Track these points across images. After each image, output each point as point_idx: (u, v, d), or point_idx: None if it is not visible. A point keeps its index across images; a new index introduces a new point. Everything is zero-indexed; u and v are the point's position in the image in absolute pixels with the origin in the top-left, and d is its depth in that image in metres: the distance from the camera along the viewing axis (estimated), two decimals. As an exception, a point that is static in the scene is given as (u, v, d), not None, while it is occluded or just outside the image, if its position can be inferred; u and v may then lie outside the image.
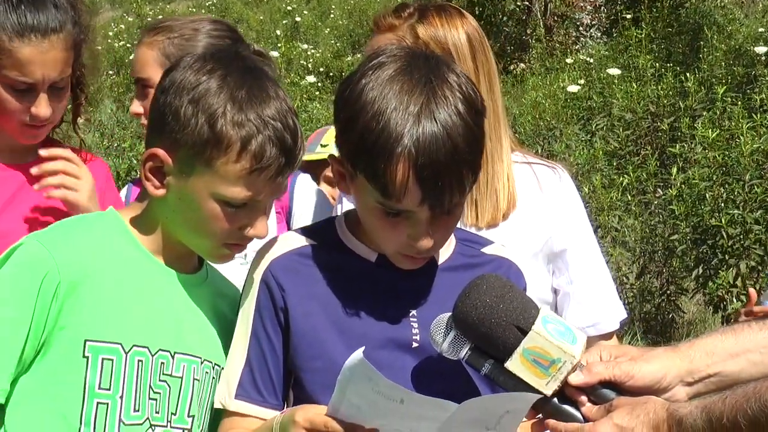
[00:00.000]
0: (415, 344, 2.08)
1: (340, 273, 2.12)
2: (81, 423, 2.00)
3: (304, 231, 2.21)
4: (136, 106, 2.88)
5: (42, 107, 2.57)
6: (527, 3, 15.43)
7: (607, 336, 2.67)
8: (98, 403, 2.01)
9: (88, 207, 2.61)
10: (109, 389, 2.02)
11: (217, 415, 2.18)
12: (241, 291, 2.20)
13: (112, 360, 2.03)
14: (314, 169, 4.02)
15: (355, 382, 1.80)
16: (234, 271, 2.42)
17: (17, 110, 2.58)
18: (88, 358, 2.01)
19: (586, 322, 2.63)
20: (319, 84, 14.09)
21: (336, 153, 2.11)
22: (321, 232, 2.20)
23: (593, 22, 15.22)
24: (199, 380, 2.14)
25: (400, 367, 2.06)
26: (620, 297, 7.37)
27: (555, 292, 2.66)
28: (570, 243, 2.63)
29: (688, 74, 9.02)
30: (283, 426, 1.96)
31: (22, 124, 2.60)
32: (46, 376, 2.02)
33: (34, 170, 2.61)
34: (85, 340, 2.01)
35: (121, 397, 2.03)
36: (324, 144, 4.46)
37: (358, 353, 1.78)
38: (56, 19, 2.55)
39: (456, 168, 1.94)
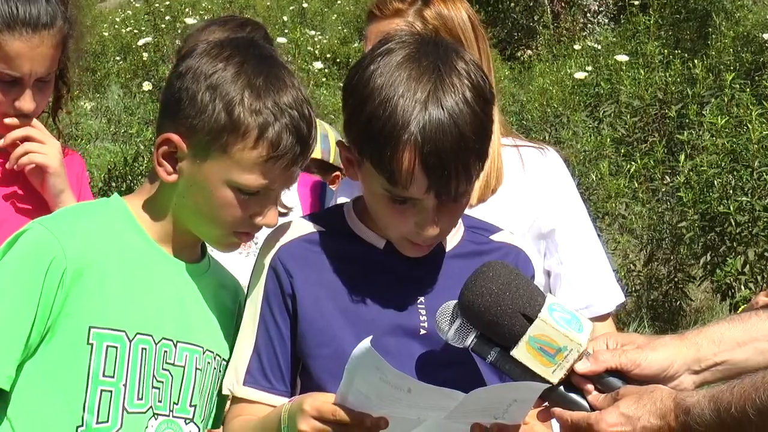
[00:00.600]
0: (422, 331, 2.08)
1: (348, 260, 2.12)
2: (84, 410, 2.00)
3: (313, 218, 2.21)
4: None
5: (26, 101, 2.55)
6: (535, -11, 15.38)
7: (601, 318, 2.66)
8: (102, 390, 2.01)
9: (58, 170, 2.61)
10: (113, 377, 2.02)
11: (220, 405, 2.19)
12: (248, 280, 2.19)
13: (117, 347, 2.03)
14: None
15: (363, 371, 1.80)
16: (235, 262, 2.42)
17: (1, 102, 2.56)
18: (92, 345, 2.01)
19: (578, 304, 2.61)
20: (326, 70, 14.06)
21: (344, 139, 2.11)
22: (329, 218, 2.20)
23: (601, 9, 15.17)
24: (201, 370, 2.14)
25: (407, 354, 2.06)
26: (627, 285, 7.36)
27: (548, 274, 2.65)
28: (558, 223, 2.61)
29: (696, 61, 8.98)
30: (291, 414, 1.95)
31: (4, 116, 2.58)
32: (50, 362, 2.01)
33: None
34: (90, 327, 2.01)
35: (125, 385, 2.03)
36: None
37: (366, 342, 1.77)
38: (47, 13, 2.53)
39: (463, 155, 1.93)
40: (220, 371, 2.17)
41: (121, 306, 2.05)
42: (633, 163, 7.90)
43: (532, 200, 2.59)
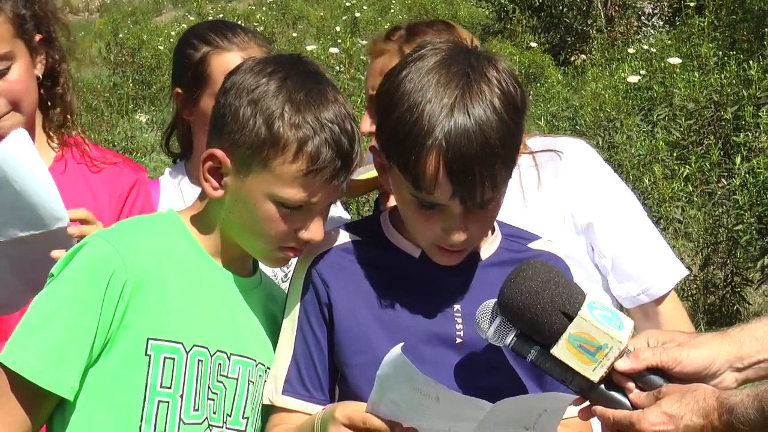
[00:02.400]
0: (459, 340, 2.08)
1: (384, 269, 2.13)
2: (142, 421, 2.03)
3: (349, 227, 2.22)
4: None
5: None
6: (588, -7, 15.27)
7: (661, 299, 2.62)
8: (159, 401, 2.04)
9: None
10: (170, 388, 2.05)
11: (267, 415, 2.20)
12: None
13: (174, 359, 2.05)
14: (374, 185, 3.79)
15: (393, 378, 1.81)
16: None
17: None
18: (150, 356, 2.04)
19: (633, 291, 2.58)
20: (379, 79, 14.07)
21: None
22: (366, 228, 2.21)
23: (655, 11, 15.02)
24: (253, 382, 2.17)
25: (444, 363, 2.06)
26: (684, 289, 7.21)
27: (596, 268, 2.61)
28: (593, 216, 2.58)
29: (751, 62, 8.84)
30: (323, 422, 1.97)
31: None
32: (108, 373, 2.04)
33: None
34: (148, 339, 2.04)
35: (182, 396, 2.05)
36: None
37: (397, 349, 1.79)
38: None
39: (488, 162, 1.92)
40: None
41: (178, 318, 2.08)
42: (688, 166, 7.81)
43: (559, 205, 2.56)
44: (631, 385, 1.88)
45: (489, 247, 2.18)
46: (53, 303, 2.04)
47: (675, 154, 8.33)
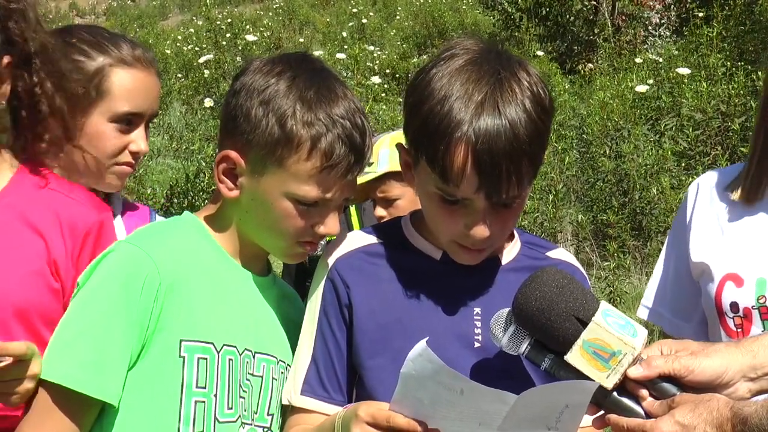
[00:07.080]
0: (477, 344, 2.08)
1: (404, 271, 2.14)
2: (180, 421, 2.03)
3: (371, 230, 2.23)
4: None
5: None
6: (595, 2, 15.28)
7: None
8: (196, 401, 2.05)
9: None
10: (204, 387, 2.06)
11: (285, 415, 2.20)
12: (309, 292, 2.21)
13: (207, 359, 2.07)
14: (368, 191, 3.68)
15: (418, 372, 1.80)
16: None
17: None
18: (184, 357, 2.05)
19: None
20: (385, 85, 14.11)
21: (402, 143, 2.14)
22: (387, 230, 2.22)
23: (662, 21, 15.01)
24: (276, 380, 2.18)
25: (462, 366, 2.06)
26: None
27: None
28: None
29: (759, 72, 8.83)
30: (345, 421, 1.97)
31: None
32: (145, 375, 2.05)
33: None
34: (181, 340, 2.05)
35: (216, 396, 2.07)
36: (370, 162, 3.83)
37: (422, 343, 1.79)
38: None
39: (516, 158, 1.94)
40: None
41: (207, 318, 2.09)
42: (695, 176, 7.79)
43: None
44: (644, 392, 1.88)
45: (509, 252, 2.19)
46: (88, 311, 2.03)
47: (682, 165, 8.31)
